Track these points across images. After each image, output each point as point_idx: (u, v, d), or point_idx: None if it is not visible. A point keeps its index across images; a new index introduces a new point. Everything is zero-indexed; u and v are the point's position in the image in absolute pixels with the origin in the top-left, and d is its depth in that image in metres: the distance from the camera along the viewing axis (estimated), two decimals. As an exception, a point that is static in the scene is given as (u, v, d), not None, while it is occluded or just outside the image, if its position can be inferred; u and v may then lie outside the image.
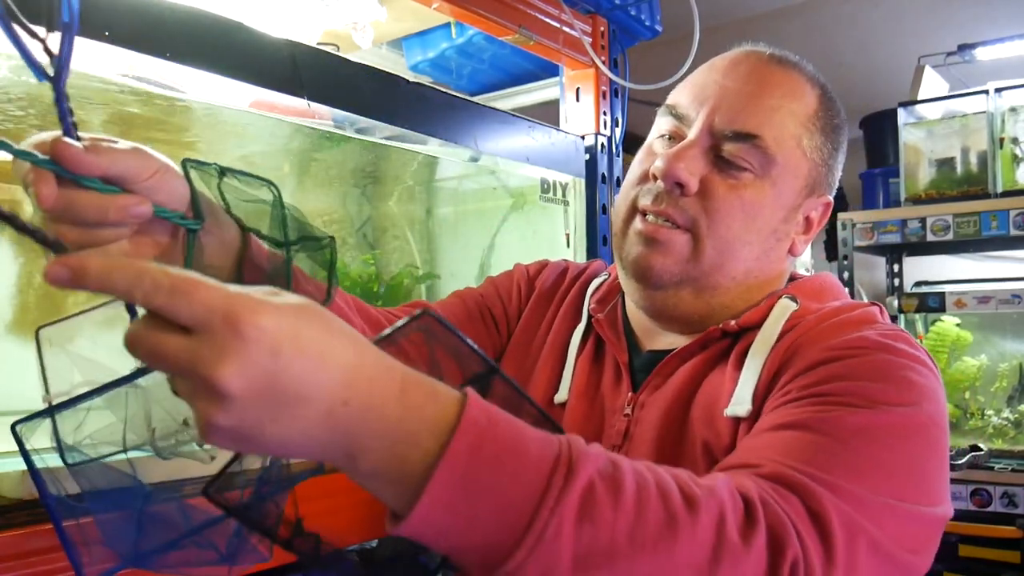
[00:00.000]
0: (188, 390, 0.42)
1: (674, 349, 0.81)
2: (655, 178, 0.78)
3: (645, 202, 0.79)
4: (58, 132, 0.53)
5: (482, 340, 0.94)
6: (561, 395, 0.86)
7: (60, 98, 0.52)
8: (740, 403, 0.71)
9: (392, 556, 1.14)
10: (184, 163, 0.60)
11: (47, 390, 0.54)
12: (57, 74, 0.52)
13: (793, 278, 0.89)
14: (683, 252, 0.77)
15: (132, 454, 0.78)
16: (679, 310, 0.81)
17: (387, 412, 0.44)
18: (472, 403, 0.46)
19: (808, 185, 0.80)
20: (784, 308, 0.77)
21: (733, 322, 0.78)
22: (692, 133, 0.78)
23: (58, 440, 0.53)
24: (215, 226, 0.62)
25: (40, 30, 0.51)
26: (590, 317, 0.90)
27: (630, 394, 0.82)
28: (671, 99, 0.83)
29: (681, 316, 0.82)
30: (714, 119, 0.77)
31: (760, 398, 0.71)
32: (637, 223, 0.79)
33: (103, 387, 0.54)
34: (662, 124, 0.82)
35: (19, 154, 0.51)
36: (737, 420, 0.71)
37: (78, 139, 0.54)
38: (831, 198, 0.84)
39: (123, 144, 0.56)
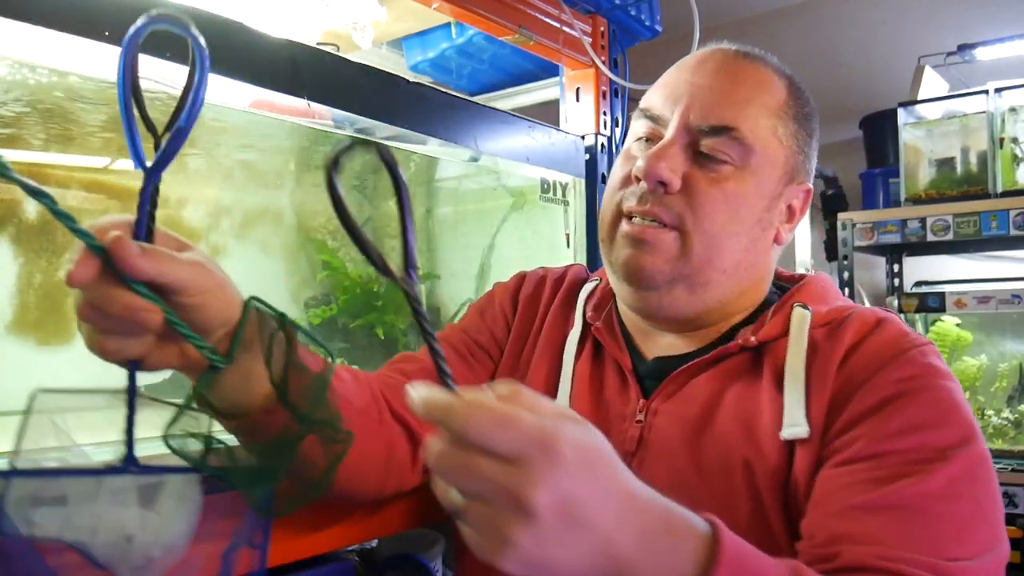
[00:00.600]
0: (487, 513, 0.45)
1: (681, 355, 0.82)
2: (637, 180, 0.79)
3: (630, 204, 0.79)
4: (130, 220, 0.54)
5: (476, 377, 0.93)
6: (559, 400, 0.86)
7: (145, 197, 0.52)
8: (796, 425, 0.72)
9: (392, 556, 1.14)
10: (248, 301, 0.60)
11: (16, 449, 0.54)
12: (154, 168, 0.52)
13: (779, 276, 0.90)
14: (672, 250, 0.78)
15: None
16: (674, 309, 0.81)
17: (658, 542, 0.48)
18: (724, 536, 0.51)
19: (787, 173, 0.81)
20: (802, 318, 0.78)
21: (753, 338, 0.78)
22: (669, 132, 0.79)
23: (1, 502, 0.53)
24: (249, 362, 0.62)
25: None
26: (587, 324, 0.90)
27: (641, 401, 0.81)
28: (644, 102, 0.84)
29: (676, 316, 0.82)
30: (689, 116, 0.78)
31: (819, 421, 0.71)
32: (624, 226, 0.80)
33: (72, 470, 0.54)
34: (638, 127, 0.84)
35: (77, 232, 0.51)
36: (792, 443, 0.72)
37: (150, 235, 0.53)
38: (810, 185, 0.86)
39: (187, 255, 0.57)
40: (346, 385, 0.76)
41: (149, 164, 0.53)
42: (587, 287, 0.94)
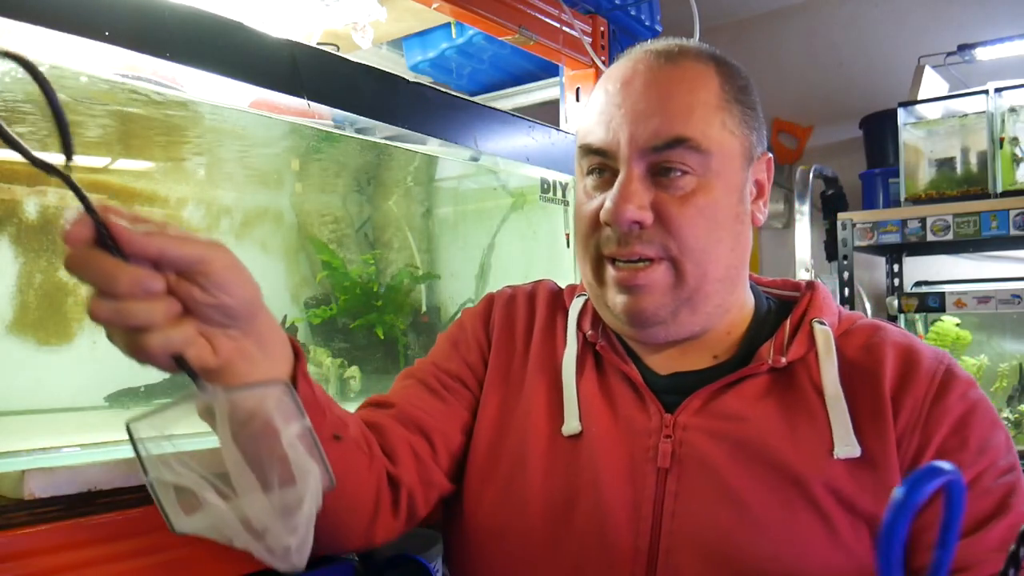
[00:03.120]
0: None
1: (700, 370, 0.82)
2: (607, 224, 0.77)
3: (610, 249, 0.78)
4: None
5: (452, 410, 0.88)
6: (571, 426, 0.82)
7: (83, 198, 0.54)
8: (848, 445, 0.74)
9: (392, 556, 1.14)
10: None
11: (146, 472, 0.55)
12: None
13: (769, 284, 0.92)
14: (667, 282, 0.77)
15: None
16: (681, 332, 0.81)
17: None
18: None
19: (745, 157, 0.80)
20: (826, 336, 0.79)
21: (783, 359, 0.78)
22: (623, 166, 0.76)
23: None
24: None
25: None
26: (587, 341, 0.87)
27: (665, 416, 0.79)
28: (585, 138, 0.81)
29: (683, 336, 0.82)
30: (637, 142, 0.76)
31: (873, 444, 0.74)
32: (611, 271, 0.79)
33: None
34: (586, 164, 0.81)
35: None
36: (849, 460, 0.74)
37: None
38: (768, 152, 0.86)
39: (198, 239, 0.57)
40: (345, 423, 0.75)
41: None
42: (576, 304, 0.90)
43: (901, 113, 2.57)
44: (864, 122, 3.12)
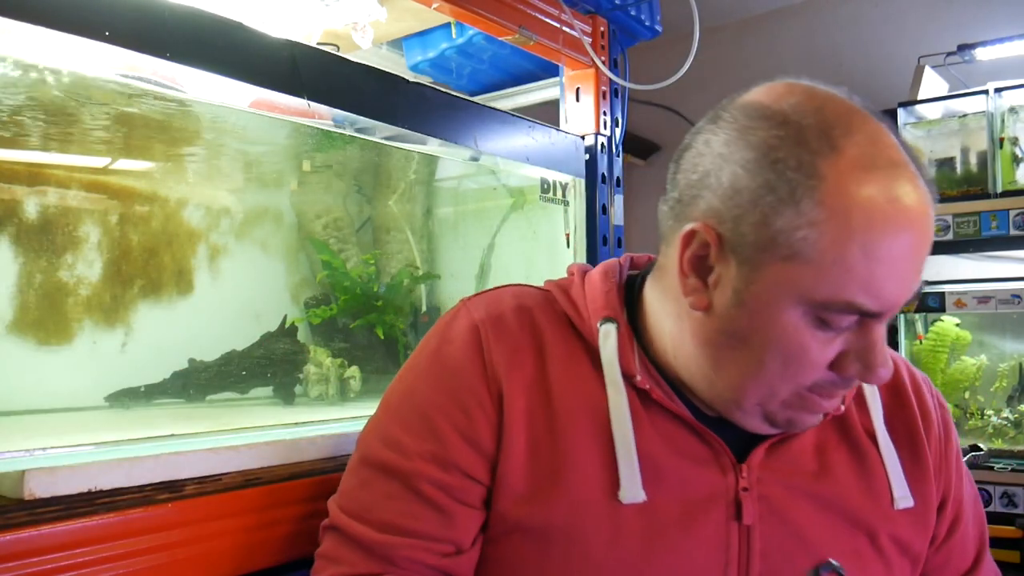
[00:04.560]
0: None
1: None
2: (849, 379, 0.67)
3: (829, 402, 0.69)
4: None
5: (470, 519, 0.72)
6: (633, 493, 0.70)
7: None
8: (906, 497, 0.76)
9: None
10: None
11: None
12: None
13: None
14: None
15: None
16: None
17: None
18: None
19: None
20: None
21: (841, 408, 0.76)
22: (881, 325, 0.65)
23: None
24: None
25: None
26: (633, 387, 0.73)
27: (741, 466, 0.72)
28: (861, 301, 0.62)
29: None
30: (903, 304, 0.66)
31: (915, 483, 0.77)
32: (812, 403, 0.69)
33: None
34: (839, 319, 0.64)
35: None
36: (903, 511, 0.76)
37: None
38: None
39: None
40: None
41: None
42: (608, 340, 0.73)
43: (901, 113, 2.57)
44: (864, 122, 3.12)
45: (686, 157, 0.70)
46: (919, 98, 2.60)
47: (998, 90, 2.40)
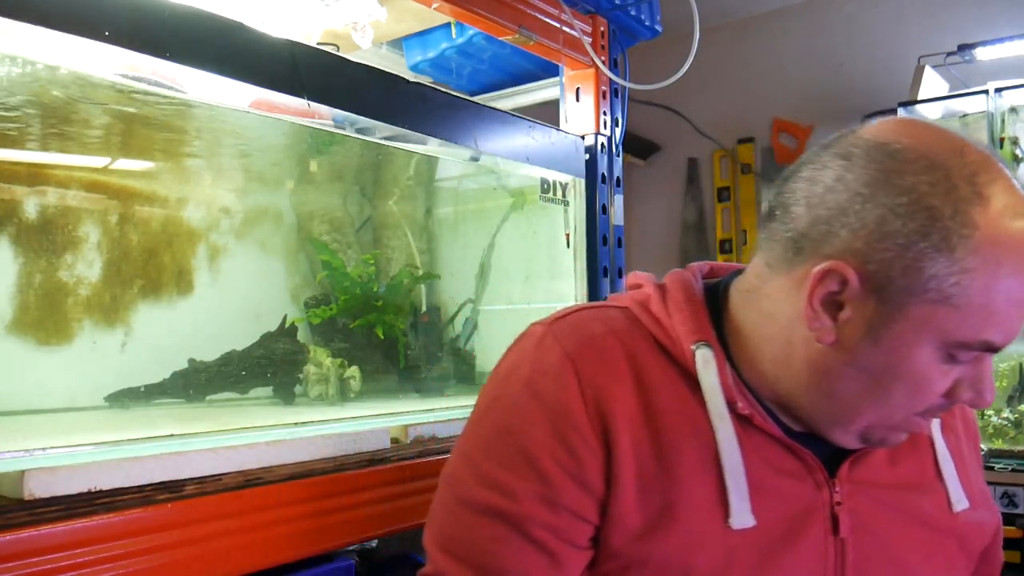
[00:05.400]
0: None
1: None
2: (954, 402, 0.70)
3: (937, 415, 0.76)
4: None
5: (582, 559, 0.71)
6: (743, 519, 0.69)
7: None
8: (960, 501, 0.79)
9: (392, 556, 1.14)
10: None
11: None
12: None
13: None
14: None
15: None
16: None
17: None
18: None
19: None
20: None
21: None
22: (989, 356, 0.68)
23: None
24: None
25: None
26: (735, 413, 0.73)
27: (833, 480, 0.74)
28: (993, 338, 0.65)
29: None
30: None
31: (969, 490, 0.80)
32: (915, 424, 0.72)
33: None
34: (965, 354, 0.67)
35: None
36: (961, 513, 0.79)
37: None
38: None
39: None
40: None
41: None
42: (707, 366, 0.72)
43: (901, 113, 2.57)
44: (864, 122, 3.12)
45: (805, 188, 0.70)
46: (919, 98, 2.60)
47: (998, 90, 2.40)
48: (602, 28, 1.52)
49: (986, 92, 2.42)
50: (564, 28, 1.43)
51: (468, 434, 0.75)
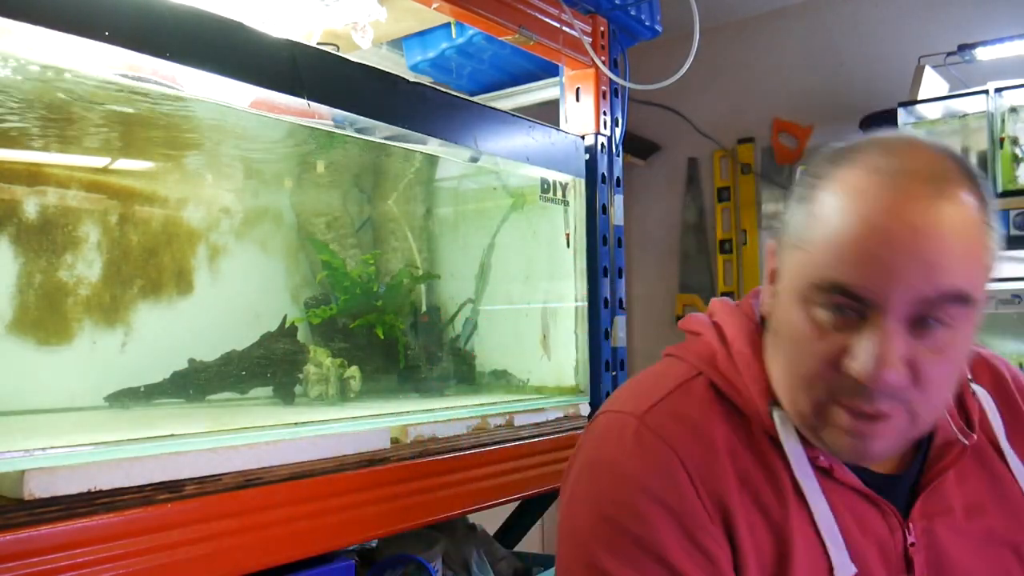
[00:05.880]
0: None
1: (908, 463, 0.78)
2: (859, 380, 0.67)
3: (851, 402, 0.68)
4: None
5: None
6: (847, 569, 0.71)
7: None
8: None
9: (392, 556, 1.14)
10: None
11: None
12: None
13: None
14: (902, 428, 0.69)
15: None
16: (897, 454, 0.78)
17: None
18: None
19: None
20: (986, 398, 0.81)
21: (975, 436, 0.77)
22: (884, 319, 0.65)
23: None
24: None
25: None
26: (822, 470, 0.74)
27: (908, 522, 0.75)
28: (831, 276, 0.66)
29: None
30: (910, 295, 0.64)
31: None
32: (841, 418, 0.69)
33: None
34: (821, 298, 0.67)
35: None
36: None
37: None
38: None
39: None
40: None
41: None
42: (788, 431, 0.73)
43: (901, 113, 2.57)
44: (864, 122, 3.12)
45: None
46: (919, 98, 2.60)
47: (998, 90, 2.40)
48: (602, 28, 1.52)
49: (986, 92, 2.42)
50: (564, 28, 1.43)
51: (589, 536, 0.72)
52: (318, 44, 1.23)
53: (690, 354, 0.80)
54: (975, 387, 0.81)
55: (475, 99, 1.50)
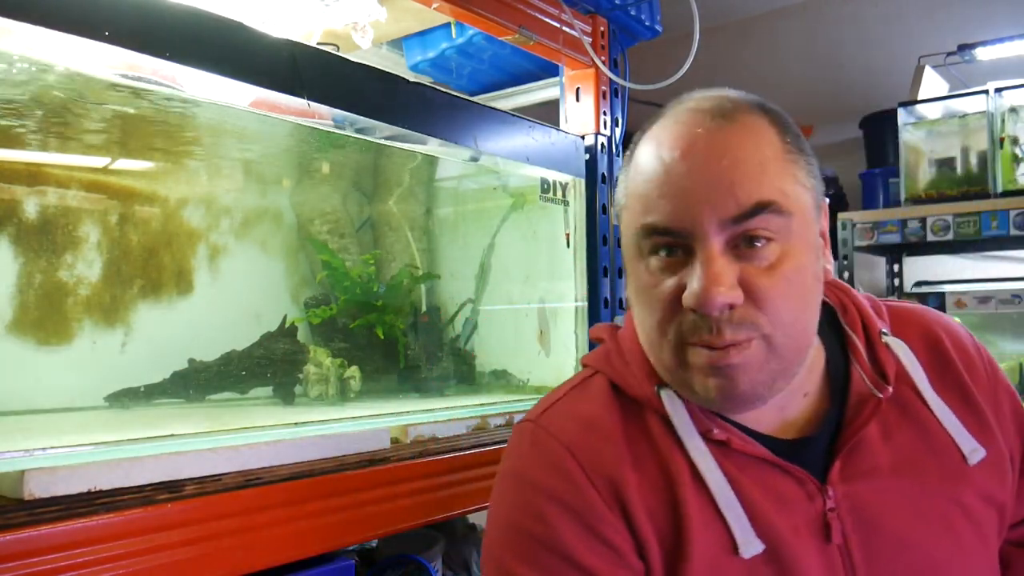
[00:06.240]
0: None
1: (818, 425, 0.76)
2: (693, 310, 0.68)
3: (698, 337, 0.68)
4: None
5: None
6: (752, 547, 0.69)
7: None
8: (975, 450, 0.76)
9: (392, 556, 1.14)
10: None
11: None
12: None
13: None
14: (760, 359, 0.68)
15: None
16: (777, 395, 0.73)
17: None
18: None
19: (816, 210, 0.73)
20: (899, 347, 0.79)
21: (890, 388, 0.75)
22: (700, 245, 0.67)
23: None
24: None
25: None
26: (721, 444, 0.73)
27: (826, 488, 0.72)
28: (645, 219, 0.70)
29: (778, 397, 0.75)
30: (715, 216, 0.67)
31: (976, 432, 0.77)
32: (696, 355, 0.69)
33: None
34: (648, 244, 0.71)
35: None
36: (981, 461, 0.76)
37: None
38: (826, 199, 0.79)
39: None
40: None
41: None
42: (672, 403, 0.74)
43: (901, 113, 2.57)
44: (864, 122, 3.12)
45: None
46: (919, 98, 2.60)
47: (998, 90, 2.40)
48: (602, 28, 1.52)
49: (986, 92, 2.42)
50: (564, 28, 1.43)
51: (498, 545, 0.74)
52: (318, 44, 1.23)
53: (590, 358, 0.83)
54: (889, 339, 0.78)
55: (475, 99, 1.50)
